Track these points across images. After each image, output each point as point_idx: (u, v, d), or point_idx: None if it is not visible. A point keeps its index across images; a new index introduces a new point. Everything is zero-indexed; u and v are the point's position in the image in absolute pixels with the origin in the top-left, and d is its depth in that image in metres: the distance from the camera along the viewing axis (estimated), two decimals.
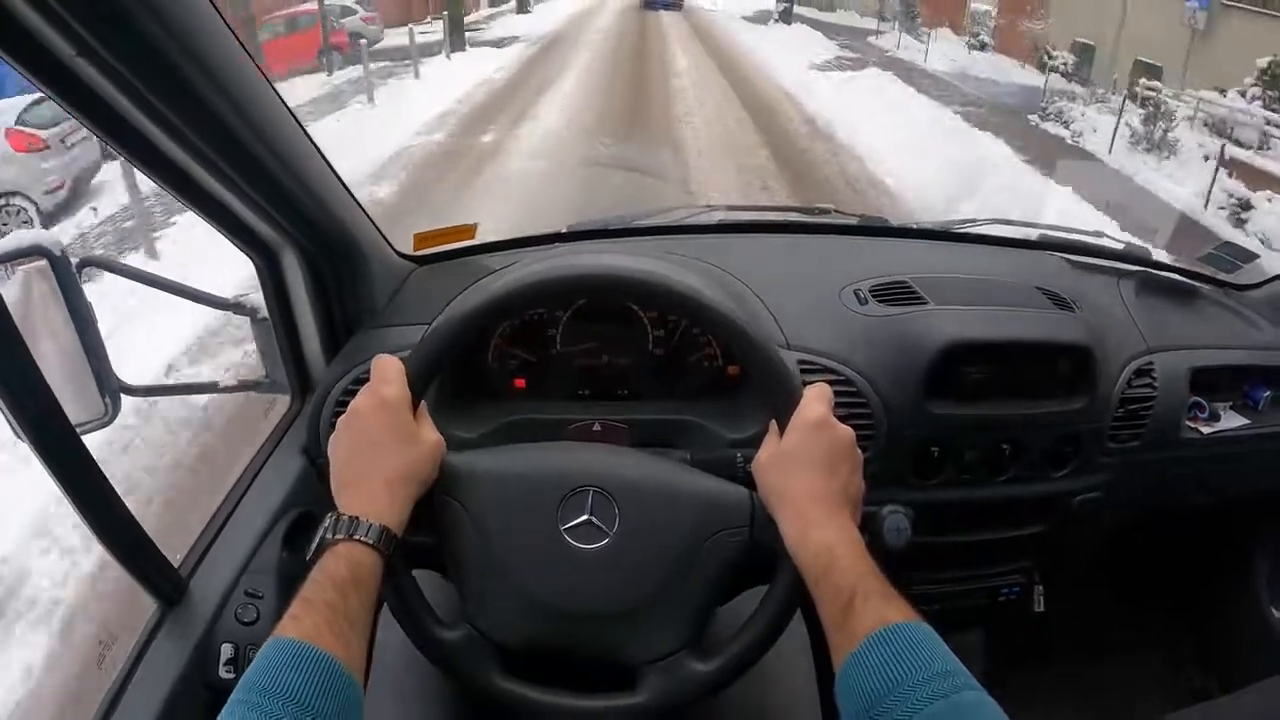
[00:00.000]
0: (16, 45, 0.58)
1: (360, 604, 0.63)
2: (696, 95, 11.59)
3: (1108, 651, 1.65)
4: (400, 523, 0.69)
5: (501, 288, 0.77)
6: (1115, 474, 1.20)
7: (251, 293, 1.08)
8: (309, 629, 0.59)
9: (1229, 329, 1.34)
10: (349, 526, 0.66)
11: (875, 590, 0.64)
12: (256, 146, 0.80)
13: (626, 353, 1.12)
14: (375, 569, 0.66)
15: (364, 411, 0.72)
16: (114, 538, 0.77)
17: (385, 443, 0.71)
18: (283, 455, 1.06)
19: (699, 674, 0.73)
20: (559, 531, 0.74)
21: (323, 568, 0.64)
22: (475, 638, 0.73)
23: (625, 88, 12.01)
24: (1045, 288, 1.19)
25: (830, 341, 1.08)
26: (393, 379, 0.73)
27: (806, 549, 0.69)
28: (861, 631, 0.61)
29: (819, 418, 0.74)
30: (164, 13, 0.62)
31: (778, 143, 8.86)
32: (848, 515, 0.72)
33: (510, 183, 6.90)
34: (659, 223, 1.41)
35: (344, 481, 0.71)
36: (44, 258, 0.81)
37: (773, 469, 0.75)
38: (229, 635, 0.87)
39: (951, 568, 1.24)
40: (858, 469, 0.75)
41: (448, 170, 7.42)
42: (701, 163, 7.86)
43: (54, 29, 0.57)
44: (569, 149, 8.15)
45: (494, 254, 1.25)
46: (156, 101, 0.67)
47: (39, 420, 0.67)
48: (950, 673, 0.58)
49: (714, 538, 0.74)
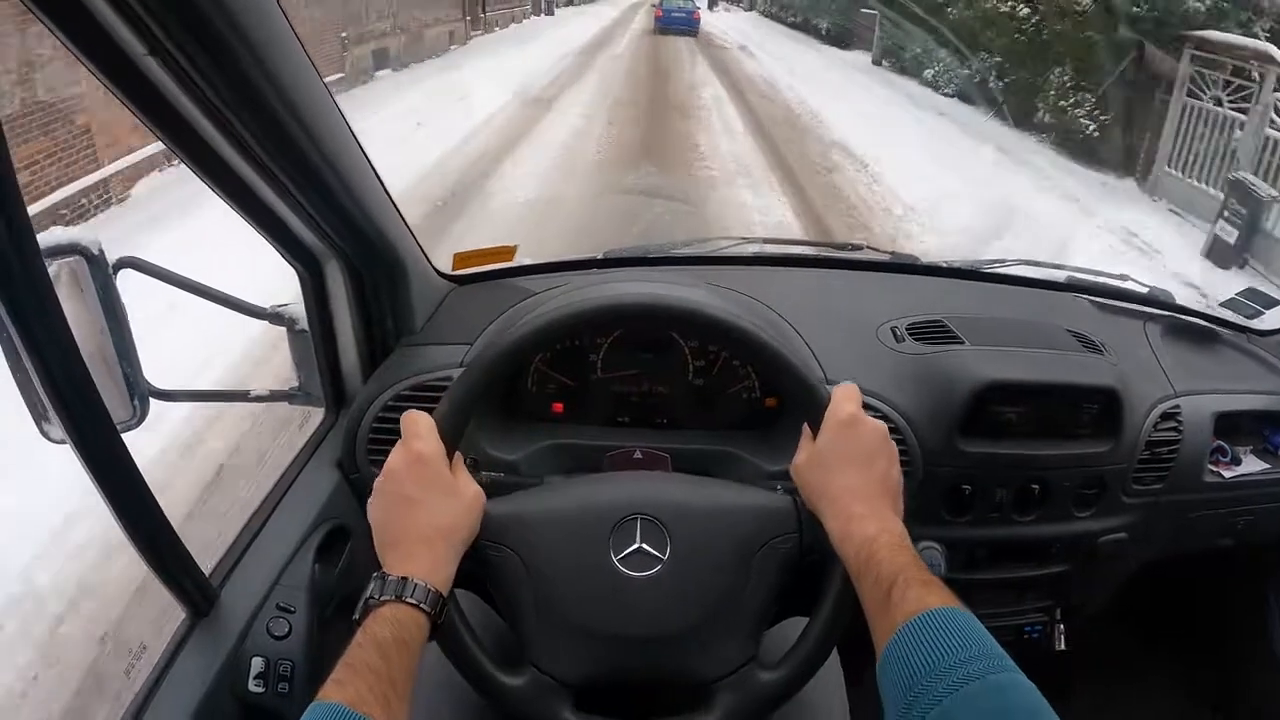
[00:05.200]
0: (89, 40, 0.59)
1: (403, 666, 0.63)
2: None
3: (1128, 691, 1.64)
4: (446, 579, 0.69)
5: (521, 330, 0.78)
6: (1139, 515, 1.21)
7: (290, 303, 1.08)
8: (351, 695, 0.59)
9: (1251, 374, 1.36)
10: (393, 588, 0.66)
11: (915, 578, 0.65)
12: (314, 157, 0.81)
13: (666, 381, 1.13)
14: (420, 630, 0.66)
15: (398, 469, 0.72)
16: (148, 543, 0.76)
17: (422, 499, 0.71)
18: (316, 468, 1.06)
19: (769, 684, 0.74)
20: (612, 563, 0.74)
21: (366, 630, 0.64)
22: (542, 680, 0.73)
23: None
24: (1075, 330, 1.21)
25: (869, 378, 1.08)
26: (424, 434, 0.73)
27: (850, 543, 0.70)
28: (901, 617, 0.62)
29: (850, 415, 0.76)
30: (237, 18, 0.63)
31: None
32: (888, 506, 0.73)
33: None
34: (695, 253, 1.43)
35: (385, 542, 0.71)
36: (82, 256, 0.80)
37: (811, 470, 0.76)
38: (260, 648, 0.86)
39: (978, 605, 1.23)
40: (894, 460, 0.76)
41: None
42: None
43: (128, 25, 0.58)
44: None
45: (531, 276, 1.26)
46: (221, 107, 0.68)
47: (82, 419, 0.67)
48: (987, 655, 0.59)
49: (765, 547, 0.75)
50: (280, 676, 0.85)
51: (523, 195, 6.53)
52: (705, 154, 8.32)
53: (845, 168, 8.06)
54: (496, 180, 6.99)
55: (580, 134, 8.93)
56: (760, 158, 8.31)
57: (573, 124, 9.36)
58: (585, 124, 9.44)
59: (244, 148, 0.74)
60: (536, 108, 10.08)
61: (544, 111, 9.91)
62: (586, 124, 9.45)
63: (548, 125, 9.24)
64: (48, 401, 0.65)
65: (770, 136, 9.33)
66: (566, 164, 7.67)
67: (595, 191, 6.85)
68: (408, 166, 6.55)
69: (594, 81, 12.83)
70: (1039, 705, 0.55)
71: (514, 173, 7.24)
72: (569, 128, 9.15)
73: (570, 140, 8.59)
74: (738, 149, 8.64)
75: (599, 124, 9.49)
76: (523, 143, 8.35)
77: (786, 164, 8.06)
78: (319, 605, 0.92)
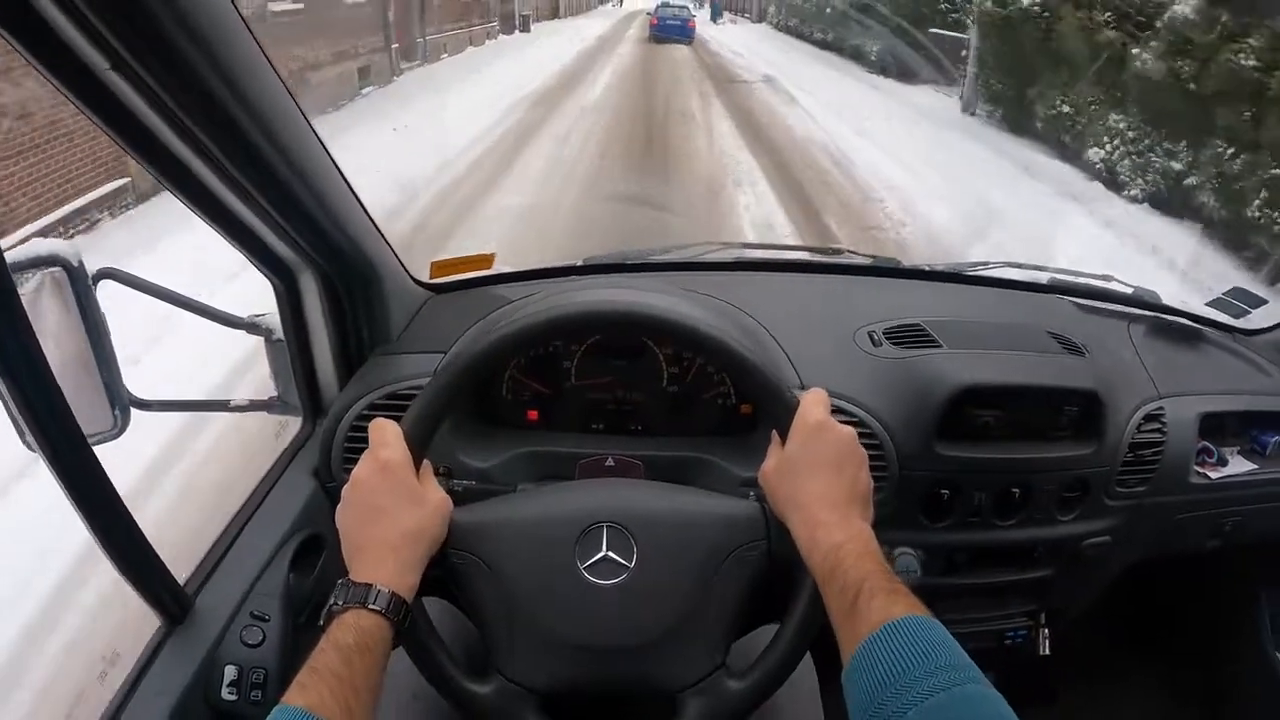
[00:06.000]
0: (52, 57, 0.59)
1: (366, 672, 0.63)
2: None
3: (1114, 694, 1.63)
4: (410, 587, 0.69)
5: (482, 342, 0.79)
6: (1123, 518, 1.20)
7: (267, 313, 1.09)
8: (314, 699, 0.59)
9: (1237, 374, 1.35)
10: (357, 594, 0.67)
11: (881, 587, 0.64)
12: (283, 170, 0.82)
13: (640, 388, 1.13)
14: (383, 636, 0.66)
15: (365, 478, 0.72)
16: (121, 552, 0.77)
17: (388, 507, 0.71)
18: (293, 477, 1.07)
19: (737, 692, 0.73)
20: (578, 571, 0.74)
21: (330, 636, 0.64)
22: (509, 687, 0.73)
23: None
24: (1056, 332, 1.20)
25: (844, 382, 1.08)
26: (391, 442, 0.74)
27: (817, 550, 0.69)
28: (866, 628, 0.61)
29: (818, 421, 0.75)
30: (198, 32, 0.63)
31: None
32: (857, 513, 0.72)
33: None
34: (675, 259, 1.43)
35: (351, 549, 0.72)
36: (61, 267, 0.82)
37: (779, 476, 0.76)
38: (233, 656, 0.86)
39: (959, 609, 1.23)
40: (863, 465, 0.76)
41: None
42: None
43: (89, 41, 0.58)
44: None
45: (509, 284, 1.26)
46: (187, 120, 0.68)
47: (52, 429, 0.67)
48: (954, 666, 0.58)
49: (733, 555, 0.75)
50: (253, 684, 0.85)
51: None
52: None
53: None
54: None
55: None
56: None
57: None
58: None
59: (212, 160, 0.75)
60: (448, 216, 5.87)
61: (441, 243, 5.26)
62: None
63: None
64: (18, 414, 0.66)
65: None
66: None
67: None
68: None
69: (546, 164, 7.53)
70: (1006, 716, 0.55)
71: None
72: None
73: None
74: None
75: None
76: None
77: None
78: (293, 613, 0.92)
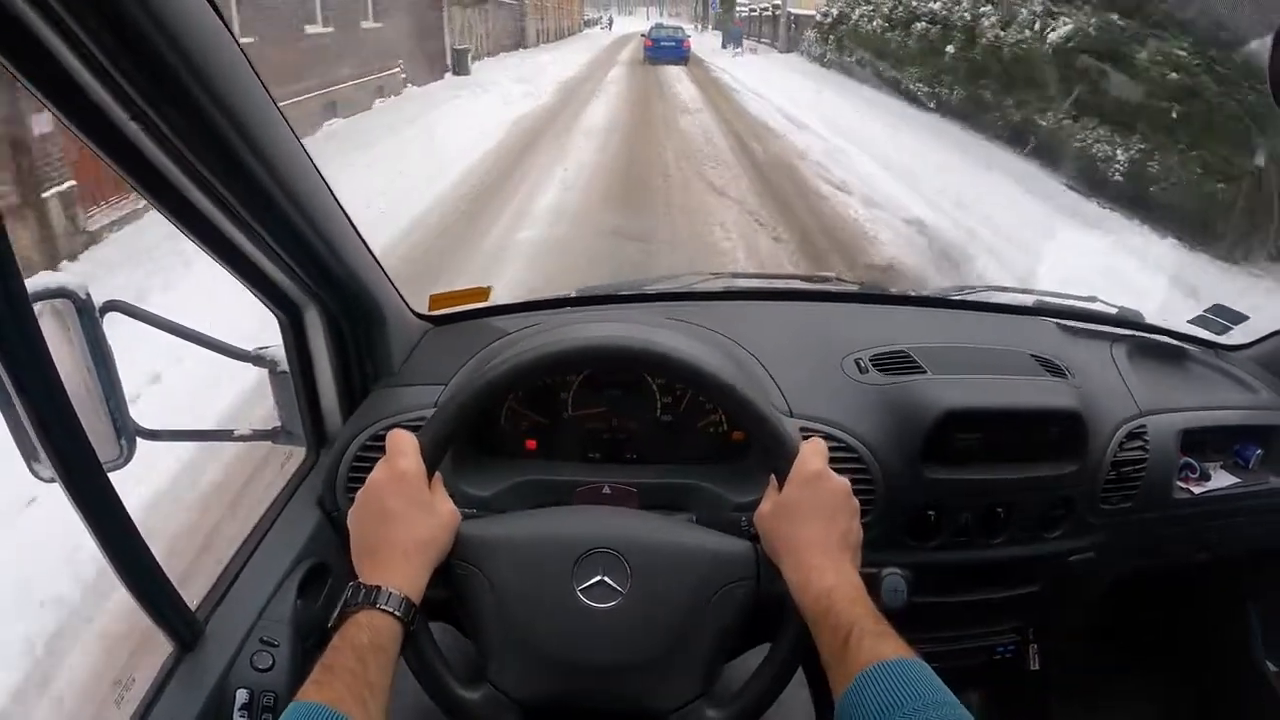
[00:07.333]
0: (76, 108, 0.62)
1: (379, 670, 0.67)
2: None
3: (1105, 708, 1.64)
4: (418, 590, 0.73)
5: (505, 364, 0.82)
6: (1108, 534, 1.22)
7: (271, 346, 1.12)
8: (330, 695, 0.62)
9: (1219, 389, 1.38)
10: (369, 595, 0.70)
11: (870, 629, 0.67)
12: (288, 209, 0.85)
13: (635, 418, 1.16)
14: (394, 635, 0.69)
15: (381, 484, 0.76)
16: (135, 578, 0.79)
17: (402, 514, 0.75)
18: (298, 507, 1.09)
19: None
20: (574, 592, 0.77)
21: (344, 635, 0.68)
22: (497, 696, 0.76)
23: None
24: (1039, 354, 1.22)
25: (832, 409, 1.11)
26: (408, 452, 0.77)
27: (808, 592, 0.72)
28: (857, 667, 0.64)
29: (816, 470, 0.78)
30: (216, 85, 0.67)
31: None
32: (848, 561, 0.76)
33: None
34: (667, 289, 1.46)
35: (362, 551, 0.75)
36: (68, 299, 0.84)
37: (775, 519, 0.79)
38: (244, 681, 0.89)
39: (948, 628, 1.25)
40: (855, 516, 0.79)
41: None
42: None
43: (111, 95, 0.61)
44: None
45: (506, 316, 1.29)
46: (201, 168, 0.72)
47: (70, 456, 0.70)
48: (940, 703, 0.61)
49: (722, 591, 0.78)
50: (264, 708, 0.88)
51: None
52: None
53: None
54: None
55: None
56: None
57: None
58: None
59: (224, 204, 0.78)
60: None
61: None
62: None
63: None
64: (37, 441, 0.68)
65: None
66: None
67: None
68: None
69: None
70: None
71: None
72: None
73: None
74: None
75: None
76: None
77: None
78: (301, 638, 0.95)
